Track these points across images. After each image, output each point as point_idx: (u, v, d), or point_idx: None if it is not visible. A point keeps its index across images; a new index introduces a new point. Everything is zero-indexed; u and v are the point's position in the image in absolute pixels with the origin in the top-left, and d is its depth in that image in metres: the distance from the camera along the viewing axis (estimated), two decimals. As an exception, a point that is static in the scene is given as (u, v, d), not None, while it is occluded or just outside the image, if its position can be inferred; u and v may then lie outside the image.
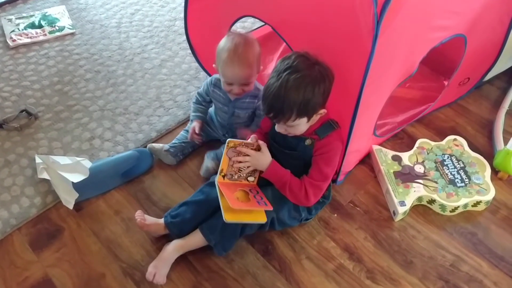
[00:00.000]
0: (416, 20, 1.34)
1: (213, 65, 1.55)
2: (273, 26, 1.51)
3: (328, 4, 1.31)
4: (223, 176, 1.40)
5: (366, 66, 1.27)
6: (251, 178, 1.44)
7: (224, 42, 1.49)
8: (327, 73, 1.29)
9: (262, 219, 1.37)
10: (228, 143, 1.35)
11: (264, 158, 1.40)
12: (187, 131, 1.72)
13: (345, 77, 1.34)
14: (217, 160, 1.63)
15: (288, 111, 1.27)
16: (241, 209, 1.33)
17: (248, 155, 1.38)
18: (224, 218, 1.29)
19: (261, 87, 1.51)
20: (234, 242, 1.44)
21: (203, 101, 1.71)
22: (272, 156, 1.44)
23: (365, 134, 1.60)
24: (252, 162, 1.39)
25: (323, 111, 1.34)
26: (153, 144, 1.72)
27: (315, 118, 1.35)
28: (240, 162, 1.39)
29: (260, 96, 1.52)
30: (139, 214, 1.46)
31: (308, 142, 1.40)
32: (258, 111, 1.59)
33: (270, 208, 1.37)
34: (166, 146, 1.70)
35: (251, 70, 1.48)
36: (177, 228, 1.44)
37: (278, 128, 1.36)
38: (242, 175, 1.42)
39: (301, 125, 1.34)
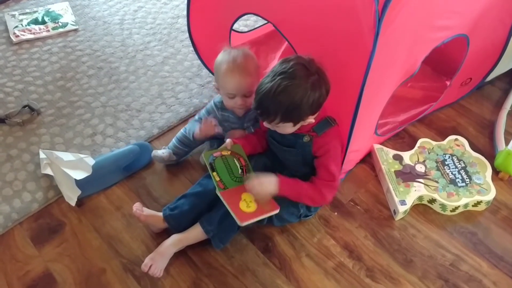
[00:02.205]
0: (417, 20, 1.34)
1: (213, 83, 1.54)
2: (274, 24, 1.51)
3: (330, 2, 1.31)
4: (224, 189, 1.39)
5: (367, 65, 1.27)
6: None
7: (221, 56, 1.49)
8: (320, 85, 1.29)
9: (274, 209, 1.38)
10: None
11: (267, 181, 1.36)
12: (184, 135, 1.66)
13: (345, 76, 1.35)
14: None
15: (273, 114, 1.30)
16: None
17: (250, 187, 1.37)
18: (238, 223, 1.33)
19: None
20: (231, 236, 1.45)
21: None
22: (271, 154, 1.44)
23: (366, 133, 1.60)
24: (257, 191, 1.36)
25: (311, 119, 1.36)
26: (159, 153, 1.67)
27: (304, 123, 1.36)
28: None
29: None
30: (137, 205, 1.46)
31: (306, 139, 1.42)
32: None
33: (277, 208, 1.38)
34: (173, 156, 1.67)
35: (252, 78, 1.46)
36: (175, 221, 1.45)
37: (266, 124, 1.38)
38: (240, 178, 1.42)
39: (286, 128, 1.35)
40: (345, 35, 1.31)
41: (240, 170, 1.44)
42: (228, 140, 1.47)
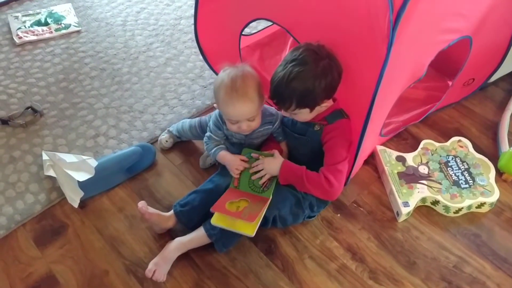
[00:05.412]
0: (427, 25, 1.33)
1: (214, 105, 1.52)
2: (287, 29, 1.50)
3: (343, 8, 1.30)
4: (236, 187, 1.44)
5: (380, 73, 1.26)
6: (267, 193, 1.44)
7: (220, 78, 1.40)
8: (332, 69, 1.32)
9: (249, 231, 1.34)
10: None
11: (275, 161, 1.45)
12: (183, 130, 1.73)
13: (358, 82, 1.35)
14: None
15: (288, 101, 1.34)
16: (225, 215, 1.37)
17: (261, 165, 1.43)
18: (211, 220, 1.37)
19: (275, 112, 1.53)
20: (235, 240, 1.45)
21: (218, 136, 1.54)
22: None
23: (374, 136, 1.60)
24: (265, 167, 1.44)
25: (327, 103, 1.39)
26: (163, 143, 1.76)
27: (320, 108, 1.39)
28: (256, 173, 1.45)
29: (274, 120, 1.52)
30: (142, 203, 1.45)
31: (316, 127, 1.45)
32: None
33: (253, 222, 1.33)
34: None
35: (253, 103, 1.38)
36: (185, 217, 1.45)
37: (284, 112, 1.43)
38: (257, 188, 1.45)
39: (303, 114, 1.39)
40: (358, 42, 1.30)
41: (262, 181, 1.46)
42: (276, 152, 1.47)
